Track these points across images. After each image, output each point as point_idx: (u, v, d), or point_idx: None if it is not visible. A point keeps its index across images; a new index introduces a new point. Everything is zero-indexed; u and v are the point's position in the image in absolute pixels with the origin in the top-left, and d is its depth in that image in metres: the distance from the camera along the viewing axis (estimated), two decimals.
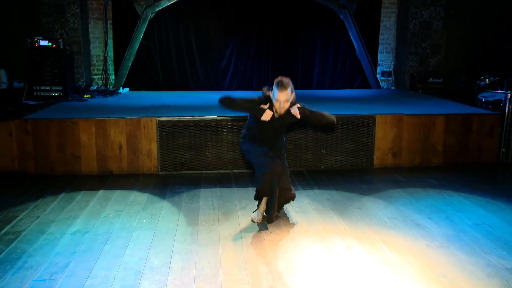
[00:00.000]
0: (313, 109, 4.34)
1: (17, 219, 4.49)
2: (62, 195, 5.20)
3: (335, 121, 4.50)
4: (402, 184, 5.65)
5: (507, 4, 8.19)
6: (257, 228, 4.30)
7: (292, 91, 4.17)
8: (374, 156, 6.33)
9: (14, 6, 9.15)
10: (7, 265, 3.58)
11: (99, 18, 9.68)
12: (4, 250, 3.83)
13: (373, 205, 4.92)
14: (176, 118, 6.07)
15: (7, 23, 9.12)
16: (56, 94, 8.08)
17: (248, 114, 4.50)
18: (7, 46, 8.91)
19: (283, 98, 4.10)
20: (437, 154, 6.43)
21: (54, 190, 5.37)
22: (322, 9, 9.84)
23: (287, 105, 4.17)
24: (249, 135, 4.53)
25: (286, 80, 4.13)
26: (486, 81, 7.82)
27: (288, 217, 4.55)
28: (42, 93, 8.05)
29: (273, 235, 4.15)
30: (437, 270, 3.50)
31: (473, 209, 4.79)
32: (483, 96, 7.52)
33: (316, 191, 5.38)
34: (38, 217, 4.56)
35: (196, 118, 6.09)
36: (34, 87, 8.05)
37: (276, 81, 4.16)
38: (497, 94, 7.28)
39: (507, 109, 6.46)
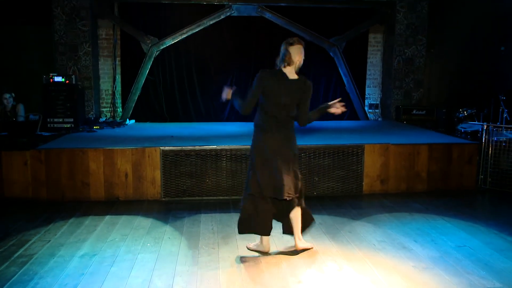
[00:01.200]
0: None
1: (29, 243, 4.46)
2: (71, 220, 5.17)
3: (303, 124, 4.35)
4: (389, 208, 5.65)
5: (482, 43, 8.33)
6: (255, 252, 4.27)
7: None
8: (363, 183, 6.33)
9: (33, 46, 9.31)
10: (19, 286, 3.54)
11: (108, 56, 9.80)
12: (17, 272, 3.80)
13: (363, 228, 4.91)
14: (179, 148, 6.08)
15: (27, 62, 9.29)
16: (68, 125, 8.11)
17: (260, 98, 4.17)
18: (26, 83, 9.05)
19: (301, 52, 4.17)
20: (421, 180, 6.44)
21: (64, 215, 5.34)
22: (313, 46, 9.98)
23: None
24: (261, 123, 4.09)
25: None
26: (464, 113, 7.88)
27: (283, 241, 4.53)
28: (55, 125, 8.09)
29: (269, 257, 4.13)
30: None
31: (456, 232, 4.78)
32: (462, 127, 7.57)
33: None
34: (49, 240, 4.53)
35: (197, 147, 6.11)
36: (48, 119, 8.10)
37: (285, 41, 4.23)
38: (475, 125, 7.34)
39: (483, 139, 6.50)
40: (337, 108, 4.30)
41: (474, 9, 8.69)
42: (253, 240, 4.39)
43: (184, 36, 9.60)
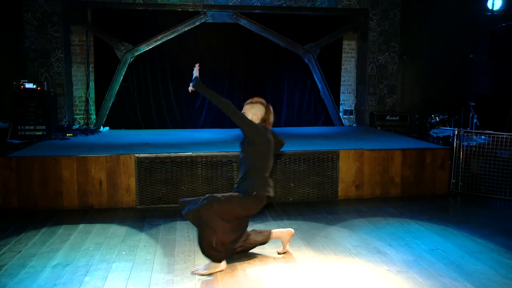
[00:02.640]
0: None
1: None
2: (44, 230, 5.07)
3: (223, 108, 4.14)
4: (364, 213, 5.71)
5: (452, 51, 8.54)
6: (230, 258, 4.26)
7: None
8: (338, 188, 6.39)
9: (2, 51, 9.11)
10: None
11: (81, 62, 9.69)
12: None
13: (338, 234, 4.95)
14: (154, 155, 6.04)
15: None
16: (40, 133, 8.00)
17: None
18: None
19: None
20: (395, 185, 6.54)
21: (36, 224, 5.24)
22: (288, 53, 10.06)
23: None
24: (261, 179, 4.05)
25: None
26: (437, 119, 8.05)
27: (259, 247, 4.53)
28: (26, 132, 7.96)
29: (245, 264, 4.12)
30: None
31: (429, 236, 4.87)
32: (434, 132, 7.73)
33: (286, 221, 5.38)
34: (20, 251, 4.43)
35: (173, 154, 6.08)
36: (19, 127, 7.97)
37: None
38: (446, 130, 7.50)
39: (455, 144, 6.64)
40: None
41: (444, 18, 8.90)
42: None
43: (159, 42, 9.56)
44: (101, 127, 9.35)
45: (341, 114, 10.50)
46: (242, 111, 4.13)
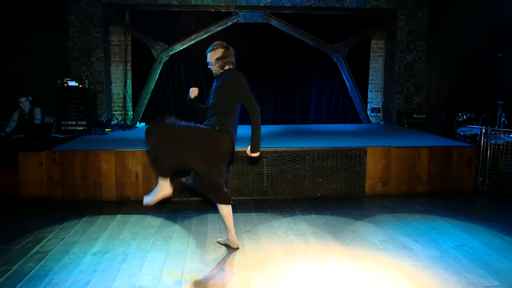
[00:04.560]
0: None
1: (45, 240, 4.50)
2: (84, 219, 5.21)
3: None
4: (391, 209, 5.64)
5: (480, 49, 8.31)
6: (260, 250, 4.28)
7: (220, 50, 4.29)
8: (365, 184, 6.32)
9: (48, 52, 9.39)
10: (36, 281, 3.58)
11: (120, 61, 9.84)
12: (34, 268, 3.83)
13: (365, 229, 4.90)
14: None
15: (43, 67, 9.37)
16: (81, 128, 8.17)
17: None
18: (42, 87, 9.13)
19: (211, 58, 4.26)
20: (422, 182, 6.42)
21: (77, 214, 5.38)
22: (317, 52, 9.99)
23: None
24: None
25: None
26: (464, 117, 7.85)
27: (287, 240, 4.53)
28: (69, 127, 8.15)
29: (273, 256, 4.13)
30: None
31: (455, 232, 4.77)
32: (462, 130, 7.55)
33: (314, 216, 5.36)
34: (64, 238, 4.56)
35: None
36: (62, 122, 8.16)
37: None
38: (474, 129, 7.32)
39: (482, 142, 6.48)
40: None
41: (472, 16, 8.67)
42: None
43: (193, 42, 9.63)
44: (138, 122, 9.49)
45: (368, 112, 10.37)
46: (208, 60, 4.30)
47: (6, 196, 5.99)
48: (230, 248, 4.30)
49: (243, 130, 5.30)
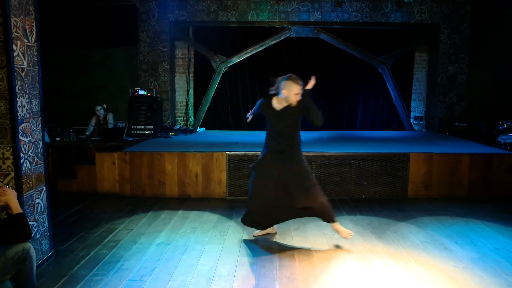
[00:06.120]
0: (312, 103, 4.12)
1: (116, 230, 4.69)
2: (150, 213, 5.38)
3: (320, 123, 4.15)
4: (432, 212, 5.46)
5: None
6: (309, 247, 4.26)
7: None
8: (408, 188, 6.16)
9: (122, 65, 9.84)
10: (109, 266, 3.75)
11: (183, 72, 10.10)
12: (107, 254, 4.02)
13: (407, 229, 4.78)
14: (242, 153, 6.17)
15: (117, 78, 9.81)
16: (148, 132, 8.43)
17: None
18: (116, 95, 9.56)
19: (298, 90, 4.01)
20: (462, 187, 6.18)
21: (144, 208, 5.57)
22: (363, 64, 9.83)
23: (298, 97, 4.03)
24: (265, 142, 4.32)
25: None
26: (505, 126, 7.49)
27: (333, 238, 4.49)
28: (138, 131, 8.43)
29: (321, 252, 4.11)
30: None
31: (495, 236, 4.56)
32: (502, 138, 7.19)
33: (358, 216, 5.28)
34: (132, 229, 4.74)
35: (258, 153, 6.12)
36: (132, 127, 8.45)
37: (284, 76, 4.07)
38: None
39: None
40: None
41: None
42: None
43: (249, 55, 9.73)
44: (198, 127, 9.69)
45: (412, 120, 10.08)
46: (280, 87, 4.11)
47: (86, 190, 6.30)
48: (281, 245, 4.31)
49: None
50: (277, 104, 4.16)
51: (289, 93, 4.04)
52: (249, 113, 4.62)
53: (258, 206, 4.26)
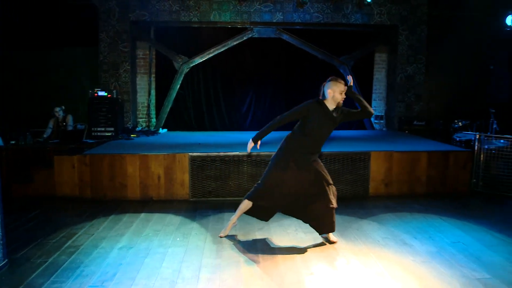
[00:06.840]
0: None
1: (76, 235, 4.57)
2: (111, 217, 5.27)
3: (372, 111, 4.40)
4: (392, 209, 5.61)
5: (473, 62, 8.27)
6: (272, 246, 4.29)
7: None
8: (369, 186, 6.30)
9: (82, 65, 9.59)
10: (69, 272, 3.65)
11: (145, 73, 9.94)
12: (67, 260, 3.90)
13: (369, 227, 4.89)
14: (205, 154, 6.14)
15: (77, 79, 9.56)
16: (109, 134, 8.24)
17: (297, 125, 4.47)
18: (76, 97, 9.30)
19: (342, 88, 4.19)
20: (421, 184, 6.38)
21: (105, 212, 5.45)
22: (326, 64, 9.96)
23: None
24: (295, 142, 4.32)
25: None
26: (459, 124, 7.80)
27: (297, 237, 4.54)
28: (98, 133, 8.22)
29: (285, 251, 4.14)
30: (422, 281, 3.48)
31: (451, 230, 4.74)
32: (457, 136, 7.49)
33: None
34: (93, 234, 4.63)
35: (221, 154, 6.15)
36: (93, 128, 8.24)
37: (330, 78, 4.26)
38: (468, 135, 7.26)
39: (476, 147, 6.42)
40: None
41: (467, 33, 8.64)
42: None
43: (211, 55, 9.69)
44: (160, 129, 9.58)
45: (372, 119, 10.32)
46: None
47: (43, 195, 6.10)
48: (245, 245, 4.32)
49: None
50: (331, 106, 4.28)
51: (334, 92, 4.20)
52: (276, 119, 4.58)
53: (276, 199, 4.26)
